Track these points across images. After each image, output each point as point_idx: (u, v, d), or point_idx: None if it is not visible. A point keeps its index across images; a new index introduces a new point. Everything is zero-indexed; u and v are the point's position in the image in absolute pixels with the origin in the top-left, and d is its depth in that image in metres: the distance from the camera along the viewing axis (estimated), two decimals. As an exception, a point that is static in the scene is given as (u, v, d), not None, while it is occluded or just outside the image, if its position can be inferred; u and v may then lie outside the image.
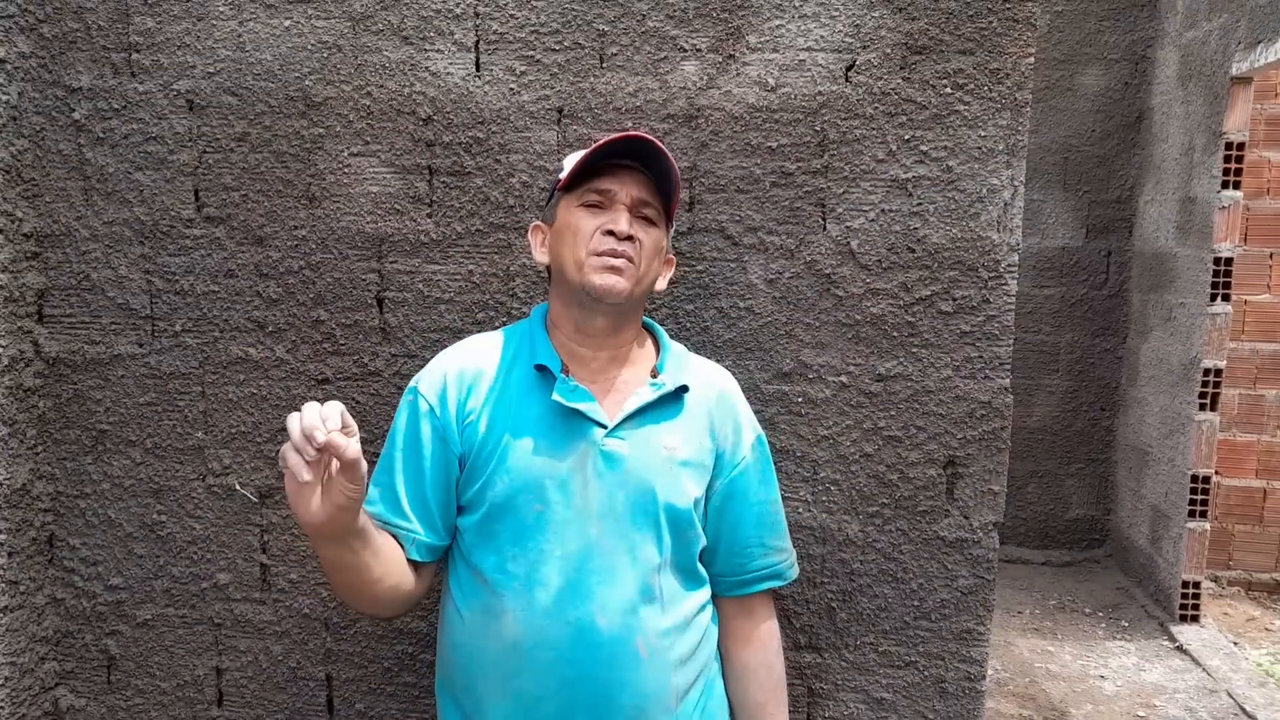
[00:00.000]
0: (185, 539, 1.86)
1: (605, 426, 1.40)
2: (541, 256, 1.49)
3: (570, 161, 1.47)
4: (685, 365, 1.51)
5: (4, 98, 1.72)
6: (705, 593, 1.49)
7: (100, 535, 1.87)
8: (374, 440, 1.80)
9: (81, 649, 1.90)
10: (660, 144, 1.39)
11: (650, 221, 1.43)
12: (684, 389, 1.46)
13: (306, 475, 1.15)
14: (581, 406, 1.40)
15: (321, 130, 1.74)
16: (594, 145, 1.40)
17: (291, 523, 1.83)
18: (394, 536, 1.42)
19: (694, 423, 1.46)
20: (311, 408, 1.16)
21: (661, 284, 1.51)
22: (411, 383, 1.49)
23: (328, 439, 1.13)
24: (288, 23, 1.72)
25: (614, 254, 1.37)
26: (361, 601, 1.38)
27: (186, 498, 1.85)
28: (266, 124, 1.75)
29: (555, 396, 1.39)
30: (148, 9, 1.73)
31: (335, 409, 1.16)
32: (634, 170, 1.42)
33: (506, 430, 1.41)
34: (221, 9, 1.73)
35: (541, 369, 1.43)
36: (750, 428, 1.53)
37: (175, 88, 1.75)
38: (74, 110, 1.77)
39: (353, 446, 1.16)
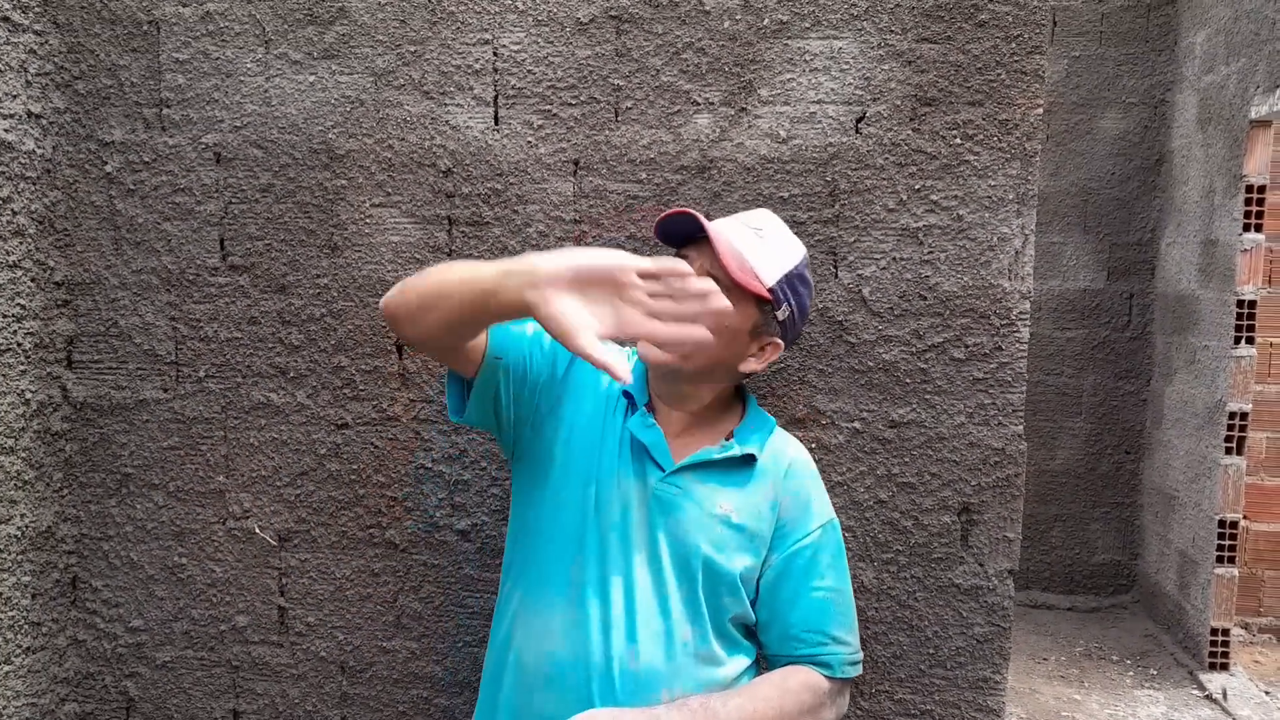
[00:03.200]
0: (205, 581, 1.88)
1: (663, 470, 1.43)
2: None
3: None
4: (766, 437, 1.49)
5: (39, 151, 1.78)
6: (743, 661, 1.45)
7: (122, 577, 1.90)
8: (391, 485, 1.83)
9: (101, 690, 1.92)
10: (712, 232, 1.37)
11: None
12: (751, 457, 1.45)
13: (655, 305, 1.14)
14: (647, 442, 1.43)
15: (344, 182, 1.79)
16: (667, 211, 1.42)
17: (309, 566, 1.86)
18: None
19: (757, 492, 1.45)
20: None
21: (750, 365, 1.45)
22: None
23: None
24: (312, 78, 1.78)
25: None
26: (448, 314, 1.31)
27: (207, 541, 1.88)
28: (290, 176, 1.80)
29: (628, 425, 1.44)
30: (178, 66, 1.79)
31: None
32: (702, 225, 1.39)
33: (590, 443, 1.45)
34: (249, 65, 1.78)
35: (628, 396, 1.47)
36: (821, 510, 1.49)
37: (203, 141, 1.81)
38: (106, 163, 1.82)
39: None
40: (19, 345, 1.75)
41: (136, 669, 1.91)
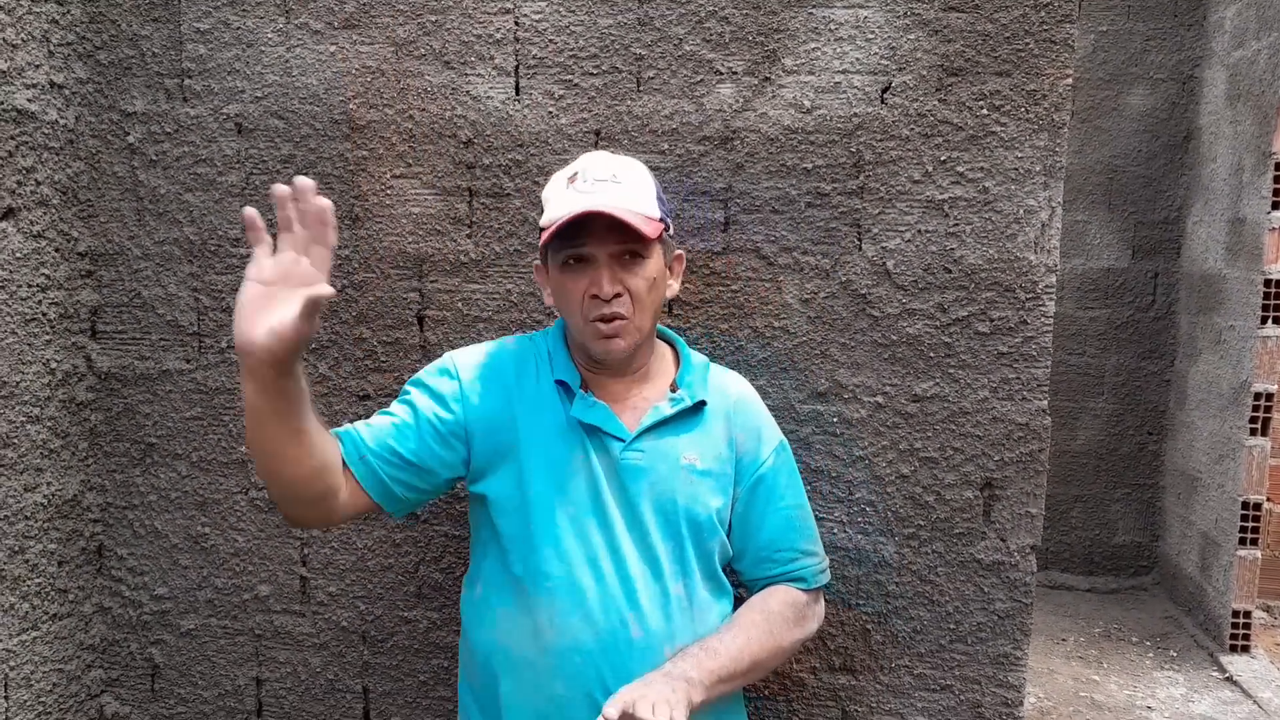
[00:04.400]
0: (228, 551, 1.90)
1: (623, 440, 1.44)
2: (550, 300, 1.48)
3: (548, 196, 1.43)
4: (706, 378, 1.52)
5: (62, 121, 1.78)
6: (727, 605, 1.51)
7: (147, 546, 1.92)
8: (412, 456, 1.83)
9: (127, 657, 1.95)
10: (615, 213, 1.33)
11: (637, 256, 1.39)
12: (702, 403, 1.49)
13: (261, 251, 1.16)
14: (596, 421, 1.44)
15: (365, 153, 1.78)
16: (557, 221, 1.35)
17: (331, 536, 1.87)
18: (349, 438, 1.40)
19: (712, 434, 1.49)
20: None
21: (673, 289, 1.50)
22: (447, 355, 1.52)
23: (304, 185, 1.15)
24: (333, 48, 1.77)
25: (605, 319, 1.37)
26: (280, 475, 1.29)
27: (230, 510, 1.89)
28: (311, 146, 1.79)
29: (573, 413, 1.44)
30: (200, 36, 1.79)
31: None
32: (606, 218, 1.34)
33: (535, 436, 1.44)
34: (270, 36, 1.78)
35: (561, 384, 1.46)
36: (771, 434, 1.54)
37: (225, 112, 1.80)
38: (129, 134, 1.83)
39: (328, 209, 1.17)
40: (44, 315, 1.76)
41: (161, 636, 1.93)
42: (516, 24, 1.74)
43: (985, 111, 1.67)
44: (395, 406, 1.47)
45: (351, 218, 1.80)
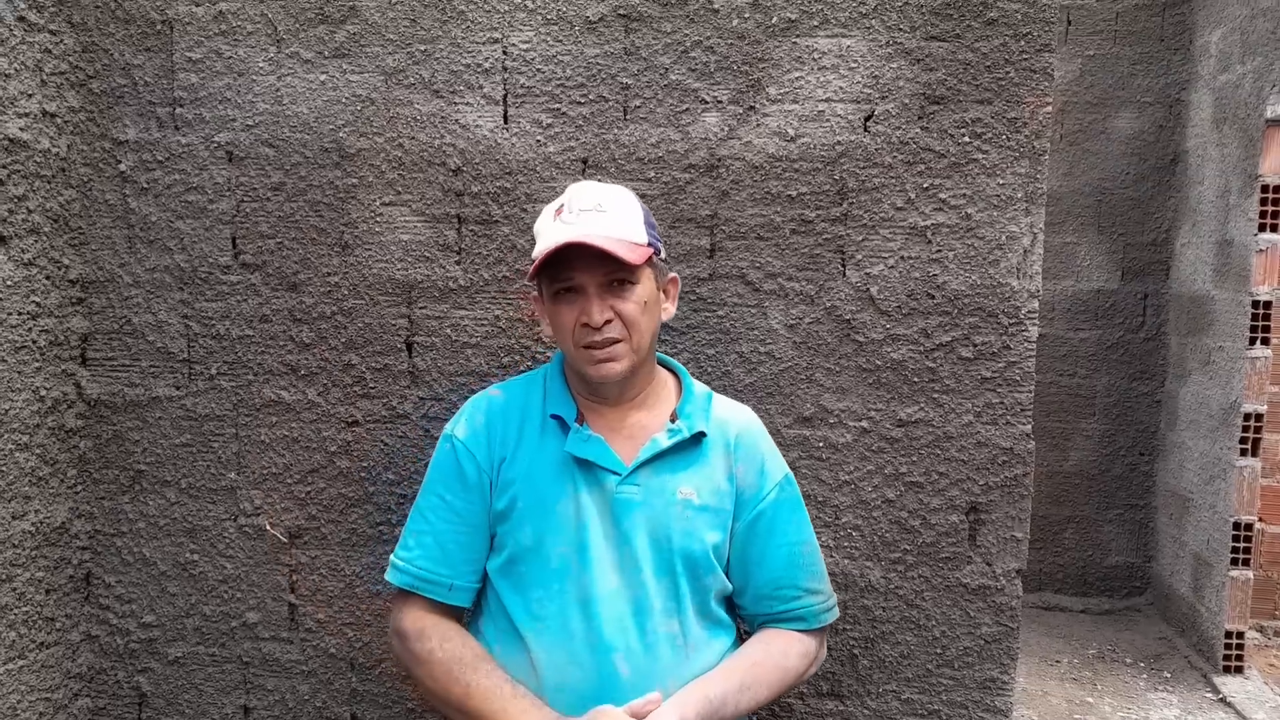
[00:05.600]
0: (216, 578, 1.90)
1: (619, 474, 1.43)
2: (547, 330, 1.49)
3: (539, 229, 1.45)
4: (708, 408, 1.51)
5: (54, 150, 1.79)
6: (725, 642, 1.48)
7: (135, 573, 1.92)
8: (401, 482, 1.84)
9: (114, 686, 1.94)
10: (596, 243, 1.34)
11: (626, 282, 1.39)
12: (701, 435, 1.47)
13: None
14: (591, 456, 1.43)
15: (355, 180, 1.80)
16: (544, 251, 1.38)
17: (319, 563, 1.87)
18: (430, 585, 1.46)
19: (711, 467, 1.47)
20: None
21: (669, 311, 1.50)
22: (446, 429, 1.52)
23: None
24: (323, 77, 1.79)
25: (597, 345, 1.38)
26: None
27: (218, 537, 1.89)
28: (302, 174, 1.81)
29: (567, 448, 1.43)
30: (191, 65, 1.81)
31: None
32: (590, 248, 1.35)
33: (528, 477, 1.45)
34: (261, 65, 1.80)
35: (556, 418, 1.46)
36: (776, 468, 1.52)
37: (216, 140, 1.82)
38: (120, 162, 1.84)
39: None
40: (34, 342, 1.77)
41: (149, 664, 1.93)
42: (505, 53, 1.76)
43: (967, 139, 1.69)
44: (435, 519, 1.48)
45: (341, 245, 1.82)
